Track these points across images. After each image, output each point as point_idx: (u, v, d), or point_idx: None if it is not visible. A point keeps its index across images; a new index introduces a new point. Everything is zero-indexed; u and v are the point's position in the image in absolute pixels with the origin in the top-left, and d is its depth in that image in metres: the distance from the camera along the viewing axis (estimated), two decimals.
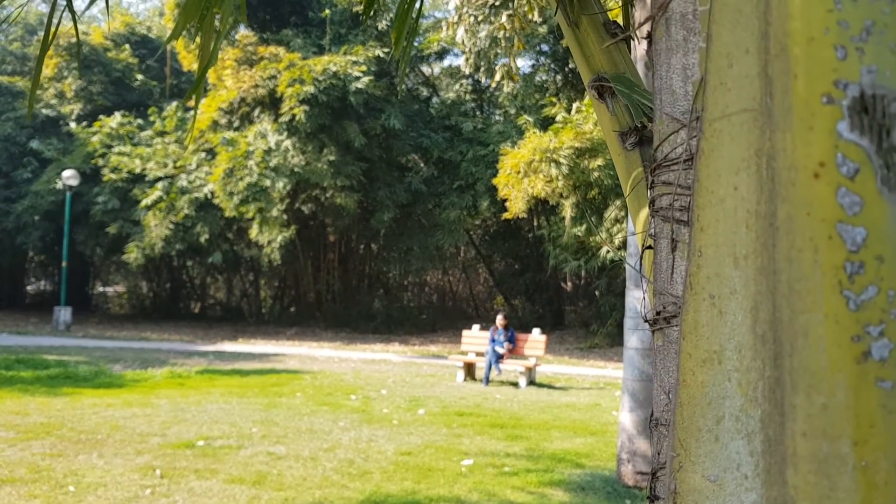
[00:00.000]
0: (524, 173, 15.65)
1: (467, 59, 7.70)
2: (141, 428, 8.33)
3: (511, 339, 13.49)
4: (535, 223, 24.54)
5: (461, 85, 24.02)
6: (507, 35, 8.37)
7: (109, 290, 32.25)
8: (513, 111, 21.17)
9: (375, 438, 8.18)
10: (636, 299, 6.25)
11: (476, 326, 14.34)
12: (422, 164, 21.84)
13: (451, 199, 20.84)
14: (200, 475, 6.38)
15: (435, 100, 24.59)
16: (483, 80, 20.89)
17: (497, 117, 22.83)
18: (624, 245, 18.58)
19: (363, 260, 25.25)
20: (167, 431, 8.21)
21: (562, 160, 15.24)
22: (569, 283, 25.98)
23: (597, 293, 26.69)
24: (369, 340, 20.77)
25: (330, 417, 9.38)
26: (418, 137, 21.11)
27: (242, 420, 9.05)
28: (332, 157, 18.89)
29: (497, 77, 7.86)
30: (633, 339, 6.25)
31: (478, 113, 23.72)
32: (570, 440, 8.43)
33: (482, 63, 7.62)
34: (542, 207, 22.98)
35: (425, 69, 26.23)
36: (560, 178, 15.28)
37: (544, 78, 23.37)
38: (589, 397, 11.98)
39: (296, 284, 24.70)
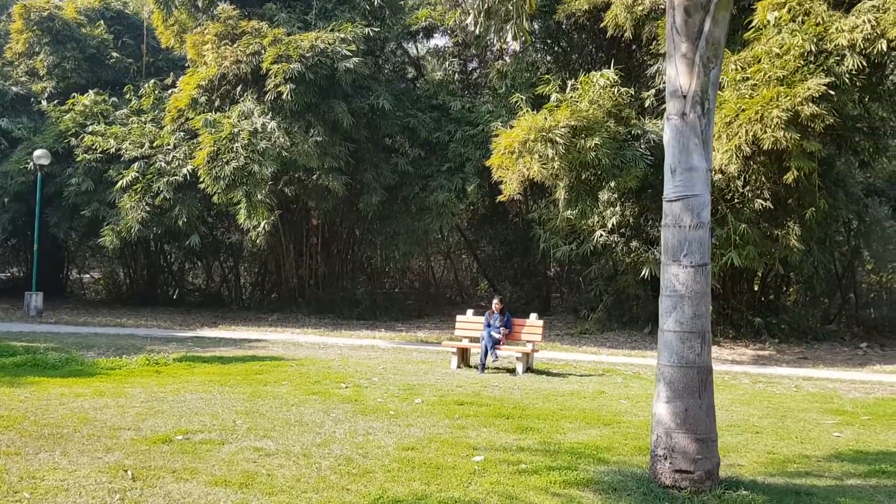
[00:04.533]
0: (518, 153, 14.93)
1: (473, 18, 6.96)
2: (112, 421, 7.56)
3: (507, 324, 12.82)
4: (525, 207, 23.88)
5: (449, 63, 23.23)
6: None
7: (87, 276, 31.20)
8: (502, 90, 20.41)
9: (373, 431, 7.48)
10: (673, 276, 5.58)
11: (470, 311, 13.65)
12: (407, 147, 21.04)
13: (439, 182, 20.08)
14: (179, 476, 5.64)
15: (422, 80, 23.78)
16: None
17: (486, 97, 22.04)
18: (616, 229, 17.99)
19: (347, 244, 24.42)
20: (141, 424, 7.45)
21: (558, 139, 14.54)
22: (551, 270, 25.37)
23: (581, 279, 26.26)
24: (354, 326, 20.04)
25: (320, 408, 8.66)
26: (405, 117, 20.30)
27: (225, 411, 8.32)
28: (319, 138, 18.03)
29: (508, 37, 7.12)
30: (671, 320, 5.58)
31: (466, 93, 22.94)
32: (584, 432, 7.78)
33: (491, 23, 6.89)
34: (532, 190, 22.31)
35: (412, 49, 25.40)
36: (556, 158, 14.58)
37: (535, 57, 22.65)
38: (591, 384, 11.35)
39: (277, 269, 23.85)
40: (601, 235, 17.85)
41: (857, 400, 10.80)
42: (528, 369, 12.56)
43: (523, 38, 7.87)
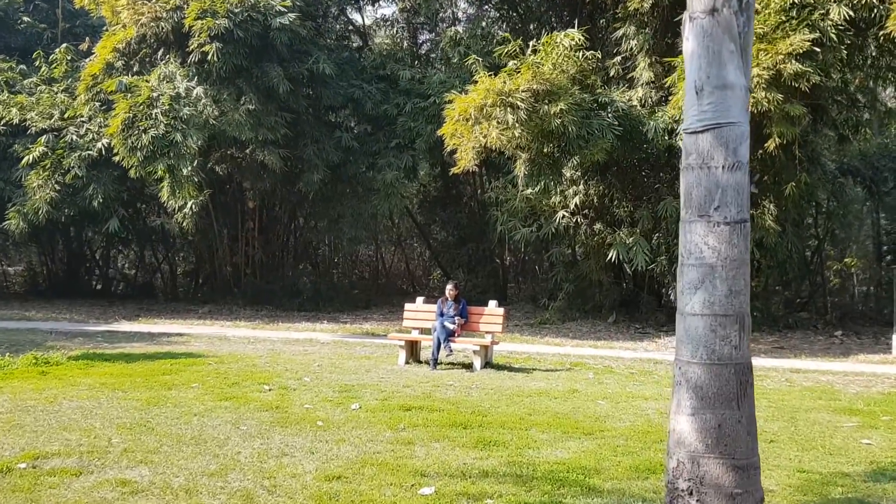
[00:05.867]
0: (475, 120, 13.27)
1: None
2: None
3: (463, 313, 11.15)
4: (480, 187, 22.25)
5: (398, 31, 21.42)
6: None
7: (13, 268, 28.54)
8: (455, 59, 18.70)
9: (291, 451, 5.74)
10: (699, 238, 3.97)
11: (420, 299, 11.93)
12: (352, 121, 19.20)
13: (387, 160, 18.30)
14: None
15: (367, 49, 21.90)
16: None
17: (438, 67, 20.27)
18: (579, 209, 16.49)
19: (287, 230, 22.42)
20: None
21: (519, 104, 12.92)
22: (507, 259, 23.85)
23: (538, 268, 24.80)
24: (294, 319, 18.18)
25: (230, 417, 6.88)
26: (349, 88, 18.44)
27: (104, 425, 6.48)
28: (251, 106, 16.06)
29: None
30: (696, 300, 3.96)
31: (416, 64, 21.15)
32: (561, 445, 6.16)
33: None
34: (488, 169, 20.70)
35: (356, 18, 23.52)
36: (517, 124, 12.96)
37: (491, 28, 21.01)
38: (561, 381, 9.76)
39: (210, 257, 21.79)
40: (563, 217, 16.33)
41: (863, 395, 9.43)
42: (488, 364, 10.93)
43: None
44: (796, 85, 12.48)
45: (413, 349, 11.37)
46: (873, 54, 14.61)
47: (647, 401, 8.46)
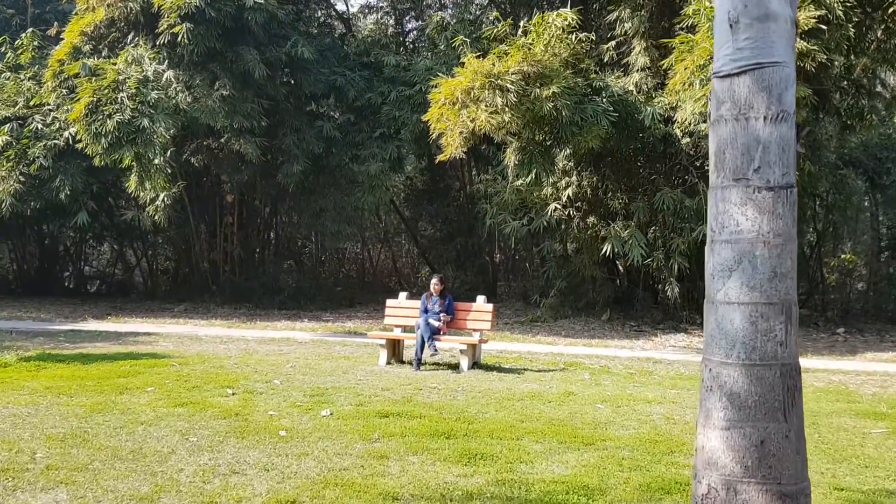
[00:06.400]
0: (462, 104, 12.46)
1: None
2: None
3: (449, 310, 10.33)
4: (469, 179, 21.44)
5: (382, 17, 20.56)
6: None
7: None
8: (442, 45, 17.88)
9: (242, 468, 4.91)
10: (735, 208, 3.16)
11: (403, 294, 11.09)
12: (334, 110, 18.32)
13: (370, 150, 17.44)
14: None
15: (351, 36, 21.02)
16: None
17: (424, 54, 19.41)
18: (572, 202, 15.71)
19: (268, 224, 21.51)
20: None
21: (509, 86, 12.11)
22: (497, 256, 23.05)
23: (528, 266, 23.99)
24: (274, 317, 17.31)
25: (181, 427, 6.04)
26: (331, 75, 17.57)
27: (34, 435, 5.64)
28: (226, 92, 15.17)
29: None
30: (732, 285, 3.15)
31: (402, 51, 20.30)
32: (559, 458, 5.35)
33: None
34: (477, 160, 19.89)
35: (340, 6, 22.69)
36: (507, 108, 12.15)
37: (478, 14, 20.22)
38: (555, 383, 8.97)
39: (187, 253, 20.86)
40: (555, 209, 15.56)
41: (882, 397, 8.68)
42: (476, 364, 10.12)
43: None
44: (801, 64, 11.73)
45: (395, 349, 10.54)
46: (879, 36, 13.93)
47: (651, 404, 7.67)
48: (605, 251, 14.45)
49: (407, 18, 21.93)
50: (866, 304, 19.16)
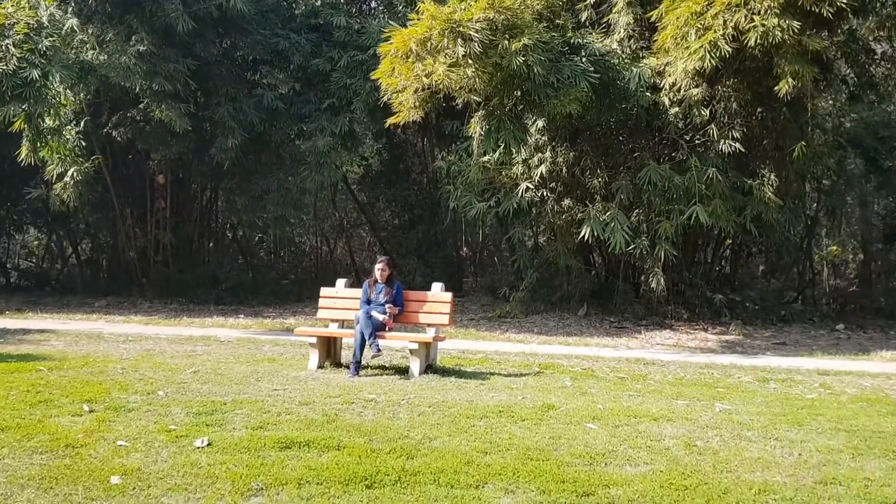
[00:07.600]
0: (417, 56, 10.46)
1: None
2: None
3: (397, 300, 8.30)
4: (430, 159, 19.36)
5: None
6: None
7: None
8: (400, 7, 15.85)
9: None
10: None
11: (341, 282, 9.00)
12: (277, 77, 16.14)
13: (318, 124, 15.36)
14: None
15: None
16: None
17: (380, 17, 17.27)
18: (545, 181, 13.80)
19: (206, 210, 19.23)
20: None
21: (472, 33, 10.13)
22: (463, 250, 21.09)
23: (497, 260, 22.05)
24: (208, 313, 15.14)
25: None
26: (273, 38, 15.44)
27: None
28: (143, 48, 12.96)
29: None
30: None
31: (355, 11, 18.20)
32: None
33: None
34: (440, 139, 17.87)
35: None
36: (470, 60, 10.18)
37: None
38: (528, 391, 6.99)
39: (113, 241, 18.55)
40: (527, 189, 13.65)
41: None
42: (430, 368, 8.11)
43: None
44: (817, 10, 9.94)
45: (330, 349, 8.48)
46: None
47: (658, 422, 5.73)
48: (584, 235, 12.52)
49: None
50: (866, 300, 17.50)
